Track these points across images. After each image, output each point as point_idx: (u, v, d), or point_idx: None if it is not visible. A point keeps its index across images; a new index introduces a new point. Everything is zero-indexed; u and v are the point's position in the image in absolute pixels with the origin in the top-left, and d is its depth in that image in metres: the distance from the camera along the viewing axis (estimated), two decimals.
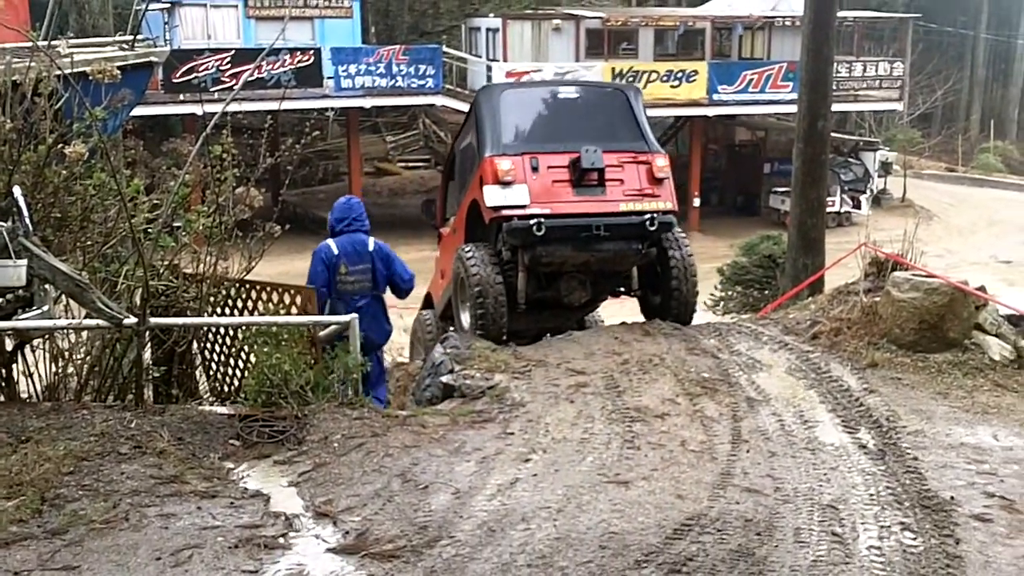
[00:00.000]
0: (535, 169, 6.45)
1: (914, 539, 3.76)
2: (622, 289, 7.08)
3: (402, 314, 10.26)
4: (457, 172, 7.73)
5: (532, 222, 6.30)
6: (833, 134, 16.35)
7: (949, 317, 5.98)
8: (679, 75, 23.58)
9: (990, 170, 33.51)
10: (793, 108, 14.35)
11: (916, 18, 28.12)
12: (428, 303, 8.96)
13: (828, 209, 13.26)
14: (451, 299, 7.28)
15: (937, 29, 37.27)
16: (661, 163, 6.63)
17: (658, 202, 6.55)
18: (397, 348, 9.55)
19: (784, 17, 25.46)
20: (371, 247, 6.39)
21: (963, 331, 6.04)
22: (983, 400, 5.43)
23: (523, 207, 6.37)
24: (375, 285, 6.37)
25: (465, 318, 6.75)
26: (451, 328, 7.33)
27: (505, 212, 6.39)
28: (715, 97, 23.79)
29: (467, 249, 6.67)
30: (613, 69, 23.21)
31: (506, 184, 6.37)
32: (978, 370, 5.81)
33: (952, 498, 4.13)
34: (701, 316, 11.28)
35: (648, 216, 6.45)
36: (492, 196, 6.42)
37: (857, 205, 25.35)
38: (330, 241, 6.36)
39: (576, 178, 6.48)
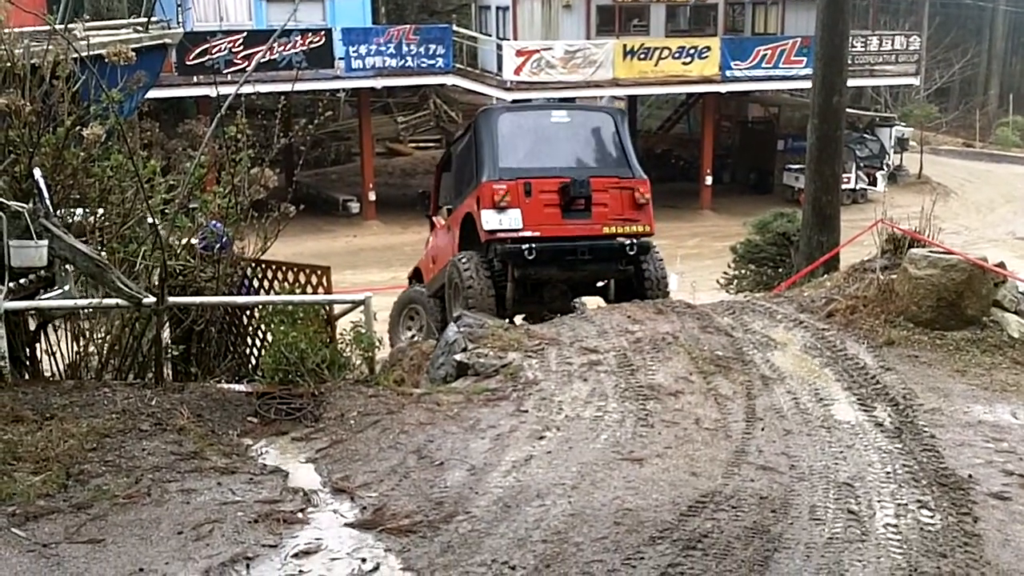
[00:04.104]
0: (528, 193, 7.15)
1: (931, 517, 3.75)
2: (600, 297, 7.87)
3: None
4: (454, 169, 8.42)
5: (524, 247, 7.05)
6: (848, 110, 16.12)
7: (967, 294, 5.93)
8: (691, 51, 23.27)
9: (1008, 145, 32.99)
10: (807, 84, 14.16)
11: None
12: (417, 276, 9.80)
13: (843, 186, 13.11)
14: (443, 292, 8.02)
15: (954, 2, 36.61)
16: (643, 189, 7.40)
17: (638, 226, 7.35)
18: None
19: None
20: None
21: (981, 308, 5.99)
22: (1001, 378, 5.40)
23: (517, 231, 7.11)
24: None
25: None
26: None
27: (500, 235, 7.13)
28: (728, 73, 23.48)
29: (462, 259, 7.37)
30: (624, 46, 22.96)
31: (502, 209, 7.09)
32: (996, 348, 5.77)
33: (970, 476, 4.12)
34: (714, 295, 11.28)
35: (629, 242, 7.26)
36: (489, 220, 7.14)
37: (873, 182, 25.05)
38: None
39: (565, 203, 7.21)
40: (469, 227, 7.55)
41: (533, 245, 7.02)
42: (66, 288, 5.05)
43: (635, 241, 7.25)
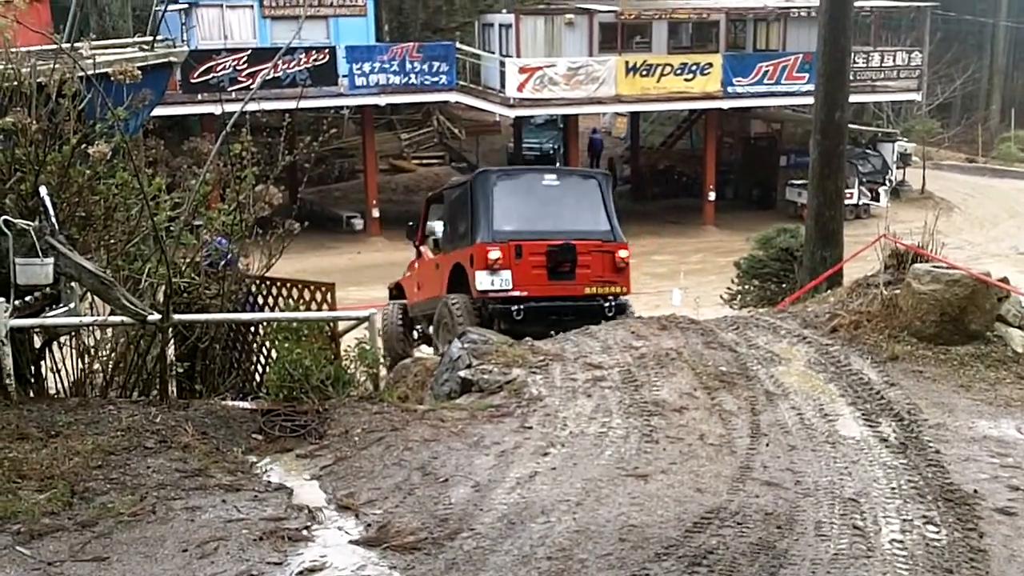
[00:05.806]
0: (519, 256, 7.90)
1: (937, 533, 3.74)
2: None
3: None
4: (446, 212, 9.23)
5: (513, 307, 7.77)
6: (850, 125, 16.19)
7: (971, 309, 5.93)
8: (693, 68, 23.41)
9: (1011, 160, 33.04)
10: (809, 99, 14.23)
11: (934, 6, 27.68)
12: (399, 291, 10.59)
13: (846, 201, 13.15)
14: (427, 317, 8.82)
15: (956, 17, 36.76)
16: (623, 254, 8.22)
17: (616, 287, 8.12)
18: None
19: (800, 8, 25.24)
20: None
21: (985, 323, 5.99)
22: (1006, 393, 5.39)
23: (506, 291, 7.83)
24: None
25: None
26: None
27: (491, 294, 7.85)
28: (730, 90, 23.59)
29: (455, 302, 8.05)
30: (627, 63, 23.09)
31: (494, 271, 7.82)
32: (1001, 362, 5.76)
33: (975, 491, 4.11)
34: (718, 310, 11.26)
35: (608, 304, 7.99)
36: (482, 281, 7.85)
37: (875, 197, 25.07)
38: None
39: (552, 266, 7.97)
40: (459, 274, 8.29)
41: (521, 306, 7.77)
42: (72, 306, 5.07)
43: (613, 303, 8.02)
